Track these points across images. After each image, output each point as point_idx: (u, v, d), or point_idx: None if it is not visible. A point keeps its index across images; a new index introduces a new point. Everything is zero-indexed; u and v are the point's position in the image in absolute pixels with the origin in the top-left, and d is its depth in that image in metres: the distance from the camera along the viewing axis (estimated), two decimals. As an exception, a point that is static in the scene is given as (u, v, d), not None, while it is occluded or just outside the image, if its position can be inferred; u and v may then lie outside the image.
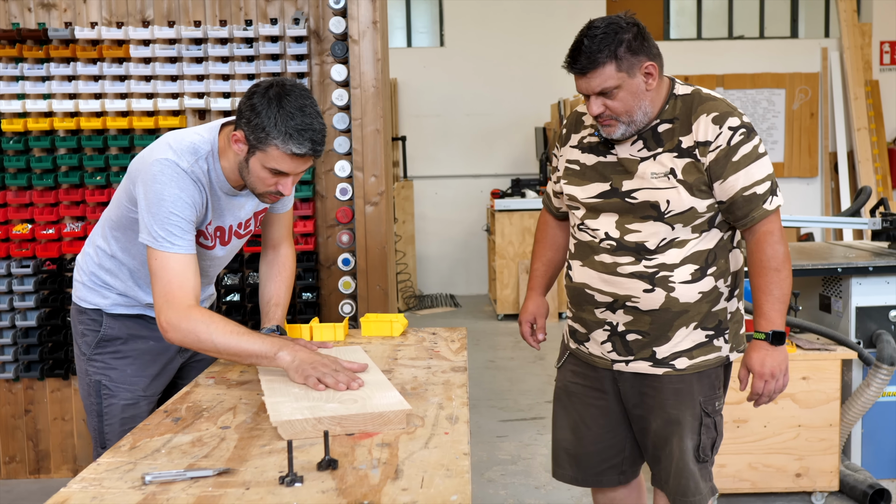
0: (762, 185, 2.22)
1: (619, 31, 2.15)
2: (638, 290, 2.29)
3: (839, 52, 9.33)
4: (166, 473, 1.58)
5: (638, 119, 2.22)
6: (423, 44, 9.81)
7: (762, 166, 2.23)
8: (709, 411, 2.37)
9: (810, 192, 9.55)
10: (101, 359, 2.52)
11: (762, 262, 2.25)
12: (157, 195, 2.20)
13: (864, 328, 3.86)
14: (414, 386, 2.18)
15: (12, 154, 3.92)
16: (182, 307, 2.16)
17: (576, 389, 2.54)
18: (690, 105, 2.25)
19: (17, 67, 3.88)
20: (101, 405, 2.51)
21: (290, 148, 2.14)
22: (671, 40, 9.90)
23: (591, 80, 2.18)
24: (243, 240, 2.56)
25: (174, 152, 2.24)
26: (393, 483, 1.53)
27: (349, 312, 3.79)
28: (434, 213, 9.54)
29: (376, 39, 3.80)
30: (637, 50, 2.16)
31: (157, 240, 2.18)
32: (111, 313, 2.51)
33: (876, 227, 4.14)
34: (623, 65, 2.15)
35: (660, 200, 2.24)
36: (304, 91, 2.20)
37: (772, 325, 2.27)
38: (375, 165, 3.82)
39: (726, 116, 2.21)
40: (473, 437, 4.60)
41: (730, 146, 2.19)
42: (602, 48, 2.14)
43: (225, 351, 2.16)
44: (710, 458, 2.40)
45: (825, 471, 3.68)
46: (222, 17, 3.92)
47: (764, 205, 2.23)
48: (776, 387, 2.31)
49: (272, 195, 2.29)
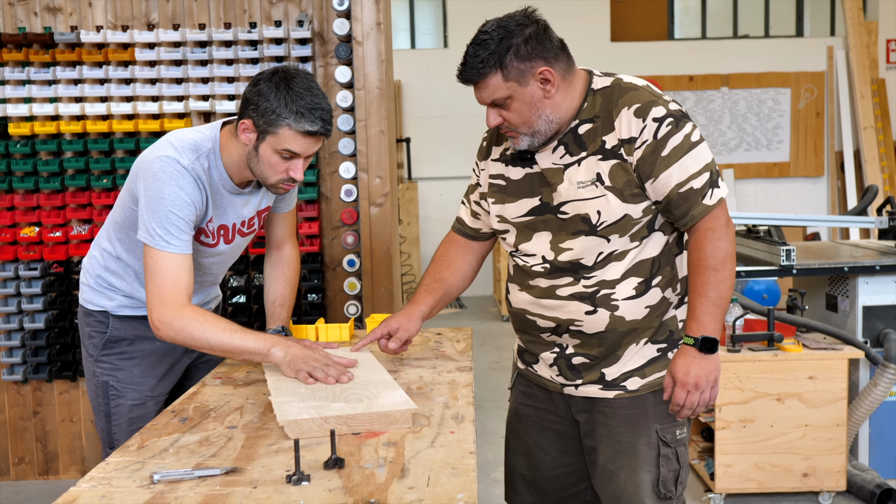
0: (699, 177, 1.97)
1: (508, 36, 1.93)
2: (580, 312, 2.08)
3: (845, 51, 9.32)
4: (174, 472, 1.58)
5: (541, 129, 2.00)
6: (426, 45, 9.82)
7: (697, 157, 1.97)
8: (667, 440, 2.12)
9: (816, 191, 9.53)
10: (109, 360, 2.53)
11: (699, 261, 1.99)
12: (156, 192, 2.20)
13: (871, 327, 3.85)
14: (420, 386, 2.18)
15: (19, 157, 3.93)
16: (175, 305, 2.17)
17: (527, 412, 2.31)
18: (610, 99, 2.01)
19: (24, 71, 3.90)
20: (108, 406, 2.52)
21: (303, 126, 2.17)
22: (676, 40, 9.89)
23: (479, 91, 2.00)
24: (247, 238, 2.56)
25: (175, 150, 2.24)
26: (399, 482, 1.54)
27: (354, 313, 3.80)
28: (438, 215, 9.54)
29: (380, 41, 3.81)
30: (529, 55, 1.94)
31: (154, 238, 2.19)
32: (117, 315, 2.52)
33: (883, 225, 4.14)
34: (510, 73, 1.94)
35: (590, 212, 2.02)
36: (308, 74, 2.24)
37: (702, 330, 1.98)
38: (380, 167, 3.83)
39: (649, 107, 1.97)
40: (479, 438, 4.60)
41: (657, 140, 1.96)
42: (486, 57, 1.93)
43: (218, 348, 2.18)
44: (674, 493, 2.13)
45: (832, 470, 3.67)
46: (227, 20, 3.93)
47: (703, 200, 1.98)
48: (701, 399, 2.00)
49: (284, 183, 2.29)
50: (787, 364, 3.61)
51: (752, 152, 9.44)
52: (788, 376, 3.61)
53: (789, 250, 3.80)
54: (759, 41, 9.76)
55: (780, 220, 4.28)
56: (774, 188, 9.41)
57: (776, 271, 3.79)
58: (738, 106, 9.39)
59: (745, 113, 9.40)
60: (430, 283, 2.39)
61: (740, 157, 9.43)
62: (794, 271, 3.82)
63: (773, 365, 3.61)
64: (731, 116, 9.41)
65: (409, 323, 2.35)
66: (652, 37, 9.78)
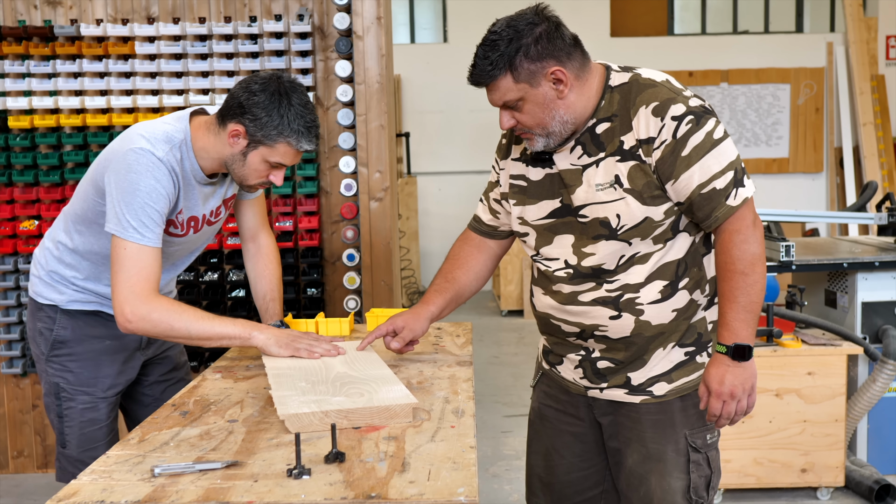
0: (722, 177, 1.89)
1: (518, 37, 1.87)
2: (604, 318, 2.02)
3: (845, 47, 9.32)
4: (175, 466, 1.59)
5: (555, 130, 1.94)
6: (426, 40, 9.81)
7: (720, 155, 1.89)
8: (697, 445, 2.06)
9: (816, 187, 9.53)
10: (59, 361, 2.48)
11: (727, 265, 1.92)
12: (131, 185, 2.17)
13: (869, 323, 3.86)
14: (420, 380, 2.19)
15: (19, 151, 3.93)
16: (149, 298, 2.17)
17: (548, 413, 2.26)
18: (628, 97, 1.93)
19: (24, 65, 3.89)
20: (60, 407, 2.49)
21: (302, 145, 2.21)
22: (675, 35, 9.88)
23: (490, 93, 1.95)
24: (215, 227, 2.54)
25: (148, 142, 2.22)
26: (400, 476, 1.54)
27: (354, 308, 3.80)
28: (438, 210, 9.54)
29: (380, 35, 3.81)
30: (539, 55, 1.87)
31: (127, 230, 2.16)
32: (66, 310, 2.47)
33: (882, 222, 4.14)
34: (521, 75, 1.88)
35: (609, 216, 1.95)
36: (301, 86, 2.25)
37: (735, 338, 1.92)
38: (380, 161, 3.83)
39: (668, 105, 1.88)
40: (478, 433, 4.61)
41: (676, 139, 1.88)
42: (495, 59, 1.87)
43: (198, 336, 2.21)
44: (706, 499, 2.08)
45: (831, 466, 3.68)
46: (227, 14, 3.93)
47: (727, 201, 1.90)
48: (738, 408, 1.95)
49: (262, 185, 2.34)
50: (785, 360, 3.62)
51: (751, 148, 9.44)
52: (787, 372, 3.62)
53: (788, 246, 3.80)
54: (758, 37, 9.75)
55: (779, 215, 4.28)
56: (774, 184, 9.41)
57: (775, 267, 3.79)
58: (737, 102, 9.39)
59: (745, 109, 9.40)
60: (441, 283, 2.34)
61: (739, 153, 9.42)
62: (793, 267, 3.82)
63: (772, 361, 3.62)
64: (731, 112, 9.41)
65: (415, 323, 2.31)
66: (652, 32, 9.77)
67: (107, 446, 2.48)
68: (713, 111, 1.94)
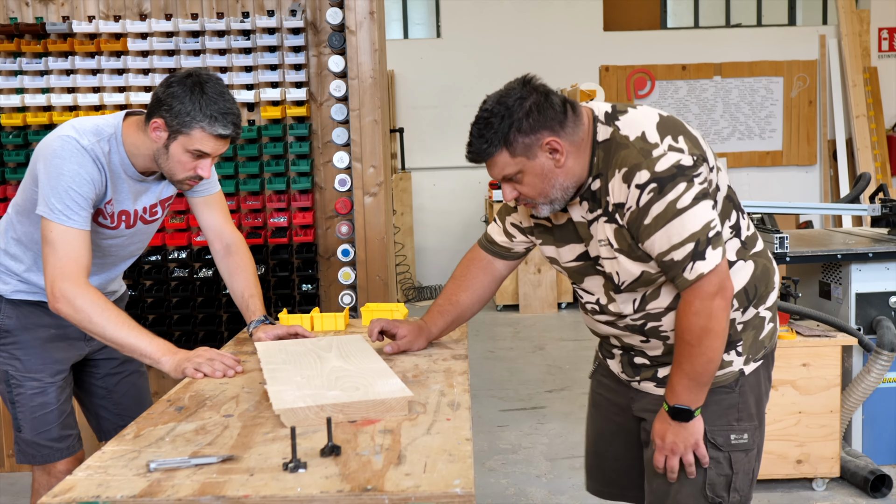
0: (681, 248, 1.86)
1: (509, 113, 1.88)
2: (636, 340, 2.11)
3: (837, 39, 9.32)
4: (171, 461, 1.59)
5: (557, 196, 1.96)
6: (419, 35, 9.80)
7: (682, 226, 1.84)
8: (718, 443, 2.05)
9: (809, 179, 9.55)
10: (5, 350, 2.56)
11: (677, 331, 1.94)
12: (56, 169, 2.27)
13: (864, 314, 3.87)
14: (415, 373, 2.19)
15: (12, 148, 3.92)
16: (78, 281, 2.25)
17: (600, 401, 2.37)
18: (608, 157, 1.93)
19: (16, 62, 3.88)
20: (11, 394, 2.57)
21: (216, 130, 2.27)
22: (668, 29, 9.89)
23: (490, 168, 1.96)
24: (151, 226, 2.60)
25: (76, 131, 2.33)
26: (396, 468, 1.54)
27: (349, 303, 3.80)
28: (432, 205, 9.54)
29: (373, 30, 3.80)
30: (532, 128, 1.88)
31: (54, 212, 2.25)
32: (11, 299, 2.55)
33: (875, 213, 4.15)
34: (517, 149, 1.90)
35: (611, 272, 2.00)
36: (219, 79, 2.34)
37: (676, 399, 1.97)
38: (374, 156, 3.82)
39: (634, 171, 1.86)
40: (474, 427, 4.61)
41: (639, 208, 1.87)
42: (490, 137, 1.89)
43: (111, 339, 2.27)
44: (725, 499, 2.07)
45: (826, 457, 3.69)
46: (219, 10, 3.92)
47: (683, 273, 1.88)
48: (685, 460, 2.03)
49: (191, 180, 2.38)
50: (780, 351, 3.61)
51: (744, 141, 9.45)
52: (782, 363, 3.63)
53: (782, 238, 3.81)
54: (751, 30, 9.76)
55: (773, 208, 4.29)
56: (767, 177, 9.43)
57: (769, 259, 3.79)
58: (730, 95, 9.40)
59: (738, 102, 9.41)
60: (444, 305, 2.42)
61: (733, 146, 9.44)
62: (787, 259, 3.83)
63: (767, 352, 3.62)
64: (724, 105, 9.41)
65: (415, 339, 2.41)
66: (645, 26, 9.77)
67: (59, 428, 2.59)
68: (692, 167, 1.86)
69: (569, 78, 8.85)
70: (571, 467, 4.15)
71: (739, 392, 2.07)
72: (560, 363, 6.11)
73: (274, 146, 3.89)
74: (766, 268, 2.10)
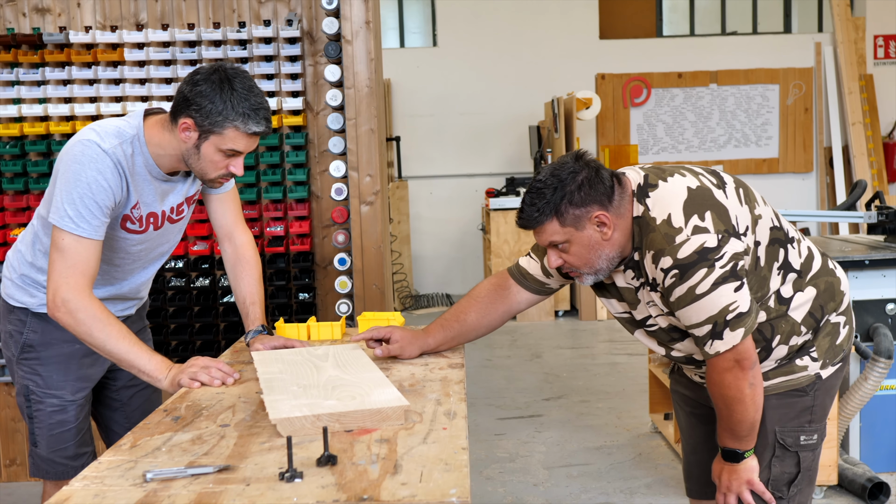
0: (700, 328, 1.97)
1: (562, 185, 1.97)
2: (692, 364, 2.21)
3: (833, 47, 9.36)
4: (167, 471, 1.58)
5: (602, 266, 2.05)
6: (415, 44, 9.82)
7: (700, 309, 1.95)
8: (786, 443, 2.14)
9: (806, 186, 9.57)
10: (28, 364, 2.52)
11: (710, 390, 2.07)
12: (74, 175, 2.21)
13: (861, 322, 3.87)
14: (412, 383, 2.19)
15: (9, 158, 3.92)
16: (83, 294, 2.20)
17: (677, 398, 2.47)
18: (641, 235, 2.03)
19: (13, 72, 3.89)
20: (30, 409, 2.53)
21: (250, 128, 2.21)
22: (664, 37, 9.91)
23: (538, 235, 2.05)
24: (178, 224, 2.54)
25: (97, 134, 2.25)
26: (392, 478, 1.54)
27: (346, 312, 3.80)
28: (429, 213, 9.55)
29: (369, 39, 3.82)
30: (583, 201, 1.98)
31: (64, 219, 2.20)
32: (38, 313, 2.49)
33: (872, 220, 4.15)
34: (567, 220, 1.99)
35: (674, 322, 2.09)
36: (246, 73, 2.26)
37: (724, 443, 2.11)
38: (370, 165, 3.83)
39: (659, 256, 1.96)
40: (471, 436, 4.61)
41: (665, 288, 1.98)
42: (542, 206, 1.99)
43: (111, 354, 2.24)
44: (785, 494, 2.16)
45: (823, 465, 3.68)
46: (216, 20, 3.93)
47: (704, 347, 1.99)
48: (743, 498, 2.13)
49: (223, 178, 2.33)
50: (777, 358, 3.63)
51: (741, 148, 9.47)
52: (779, 371, 3.63)
53: (779, 245, 3.81)
54: (747, 38, 9.79)
55: (769, 215, 4.28)
56: (764, 184, 9.44)
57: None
58: (726, 102, 9.43)
59: (734, 109, 9.43)
60: (449, 320, 2.43)
61: (729, 154, 9.46)
62: (783, 266, 3.83)
63: (764, 359, 3.62)
64: (720, 113, 9.44)
65: (409, 346, 2.40)
66: (640, 34, 9.80)
67: (76, 447, 2.54)
68: (716, 249, 1.93)
69: (565, 86, 8.87)
70: (569, 476, 4.14)
71: (813, 395, 2.15)
72: (557, 371, 6.11)
73: (270, 155, 3.89)
74: (829, 284, 2.17)
